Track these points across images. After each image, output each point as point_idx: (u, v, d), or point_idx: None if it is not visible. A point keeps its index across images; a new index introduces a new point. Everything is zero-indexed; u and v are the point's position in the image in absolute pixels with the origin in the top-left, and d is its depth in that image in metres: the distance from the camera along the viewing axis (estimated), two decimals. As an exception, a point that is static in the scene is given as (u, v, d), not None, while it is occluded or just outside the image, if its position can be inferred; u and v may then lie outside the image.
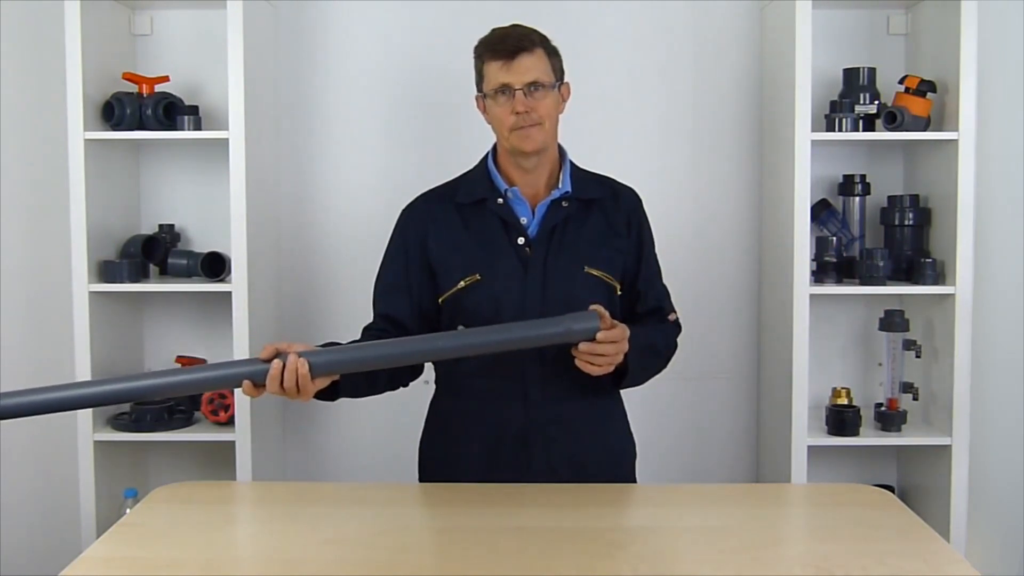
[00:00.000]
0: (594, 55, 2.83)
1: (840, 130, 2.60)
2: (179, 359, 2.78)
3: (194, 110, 2.66)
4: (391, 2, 2.83)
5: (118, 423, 2.61)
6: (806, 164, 2.51)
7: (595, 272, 1.94)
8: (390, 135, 2.85)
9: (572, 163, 2.02)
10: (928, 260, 2.56)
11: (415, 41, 2.83)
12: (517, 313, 1.87)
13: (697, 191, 2.86)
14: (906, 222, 2.64)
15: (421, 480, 2.05)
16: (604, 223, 1.99)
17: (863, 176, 2.73)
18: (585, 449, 1.96)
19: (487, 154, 2.02)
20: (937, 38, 2.60)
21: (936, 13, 2.60)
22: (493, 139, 2.00)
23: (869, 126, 2.62)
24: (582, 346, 1.75)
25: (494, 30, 1.96)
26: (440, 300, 1.95)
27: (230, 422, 2.61)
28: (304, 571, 1.52)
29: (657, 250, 2.81)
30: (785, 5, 2.57)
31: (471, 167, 2.04)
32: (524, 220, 1.95)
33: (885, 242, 2.70)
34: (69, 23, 2.49)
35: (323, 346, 1.83)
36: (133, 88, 2.65)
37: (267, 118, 2.74)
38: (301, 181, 2.87)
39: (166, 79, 2.69)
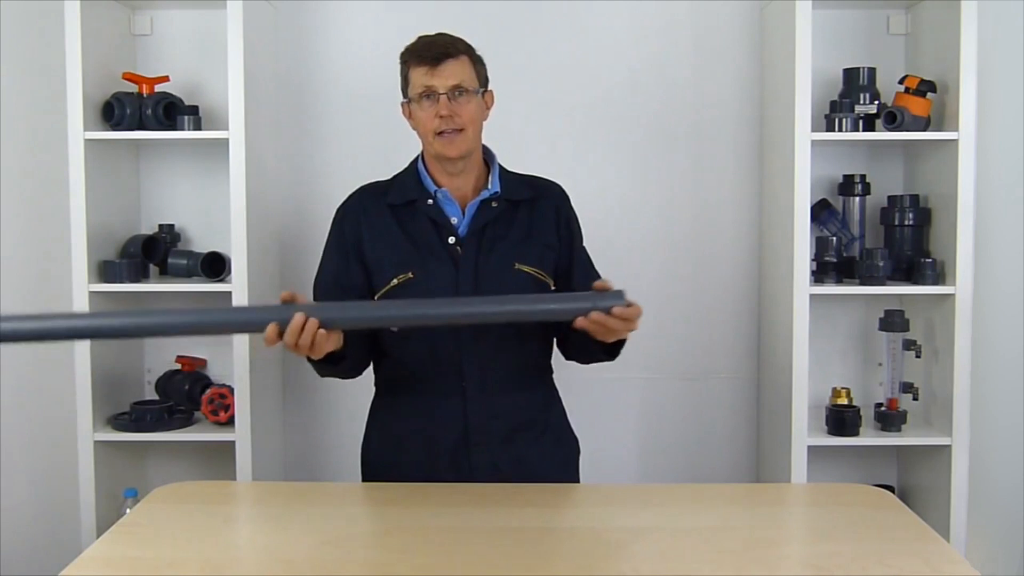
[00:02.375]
0: (594, 55, 2.83)
1: (840, 130, 2.60)
2: (179, 359, 2.77)
3: (194, 110, 2.66)
4: (391, 2, 2.83)
5: (118, 423, 2.61)
6: (806, 164, 2.50)
7: (526, 269, 1.97)
8: (390, 135, 2.83)
9: (500, 166, 2.05)
10: (928, 260, 2.55)
11: (415, 41, 2.83)
12: None
13: (697, 191, 2.86)
14: (906, 222, 2.64)
15: (365, 480, 2.07)
16: (533, 221, 2.01)
17: (863, 176, 2.73)
18: (524, 444, 1.98)
19: (417, 157, 2.05)
20: (937, 38, 2.60)
21: (936, 13, 2.60)
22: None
23: (869, 126, 2.62)
24: (595, 315, 1.74)
25: (420, 37, 1.99)
26: (375, 297, 1.98)
27: (230, 422, 2.61)
28: (304, 571, 1.52)
29: (658, 250, 2.85)
30: (785, 5, 2.57)
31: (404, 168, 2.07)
32: (454, 220, 1.98)
33: (885, 242, 2.70)
34: (69, 23, 2.49)
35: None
36: (133, 88, 2.65)
37: (267, 118, 2.74)
38: (301, 181, 2.87)
39: (166, 79, 2.69)
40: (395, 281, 1.95)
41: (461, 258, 1.95)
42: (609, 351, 1.92)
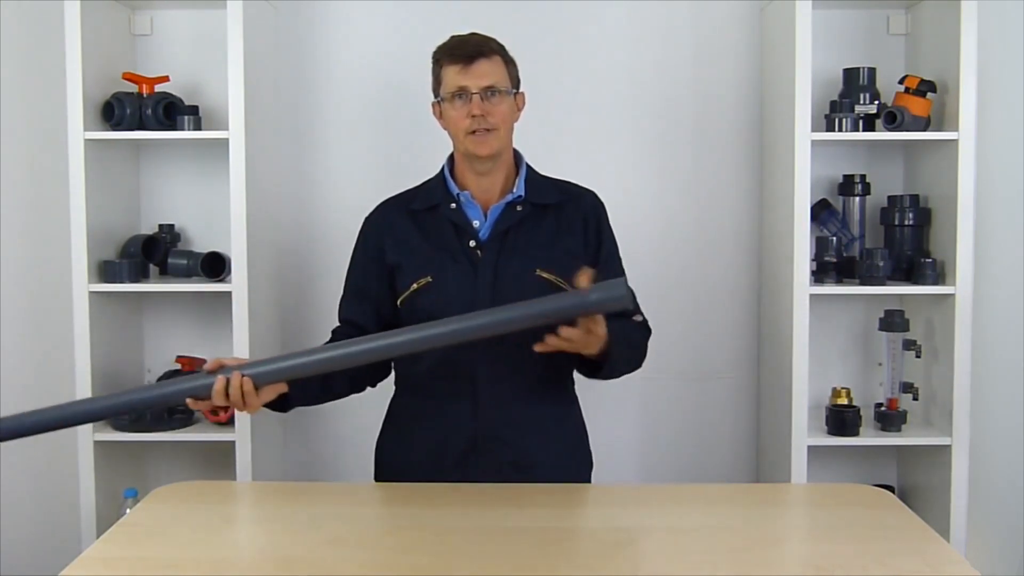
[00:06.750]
0: (594, 55, 2.84)
1: (840, 130, 2.60)
2: (179, 359, 2.77)
3: (194, 110, 2.66)
4: (391, 2, 2.84)
5: (118, 423, 2.61)
6: (806, 164, 2.50)
7: (546, 275, 1.94)
8: (390, 135, 2.85)
9: (530, 168, 2.04)
10: (928, 260, 2.56)
11: (415, 41, 2.82)
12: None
13: (697, 191, 2.86)
14: (906, 222, 2.64)
15: (376, 479, 2.07)
16: (558, 226, 2.00)
17: (863, 176, 2.73)
18: (533, 454, 1.96)
19: (444, 163, 2.05)
20: (937, 38, 2.60)
21: (936, 13, 2.60)
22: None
23: (869, 126, 2.62)
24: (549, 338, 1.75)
25: (452, 36, 1.98)
26: (399, 303, 1.99)
27: (230, 422, 2.61)
28: (304, 571, 1.52)
29: (658, 250, 2.84)
30: (785, 5, 2.57)
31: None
32: (476, 223, 1.98)
33: (885, 242, 2.70)
34: (69, 23, 2.49)
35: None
36: (133, 88, 2.65)
37: (267, 118, 2.74)
38: (301, 181, 2.87)
39: (166, 79, 2.69)
40: (414, 286, 1.95)
41: (480, 262, 1.94)
42: (592, 368, 1.89)
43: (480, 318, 1.73)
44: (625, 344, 1.91)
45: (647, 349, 2.05)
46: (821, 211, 2.73)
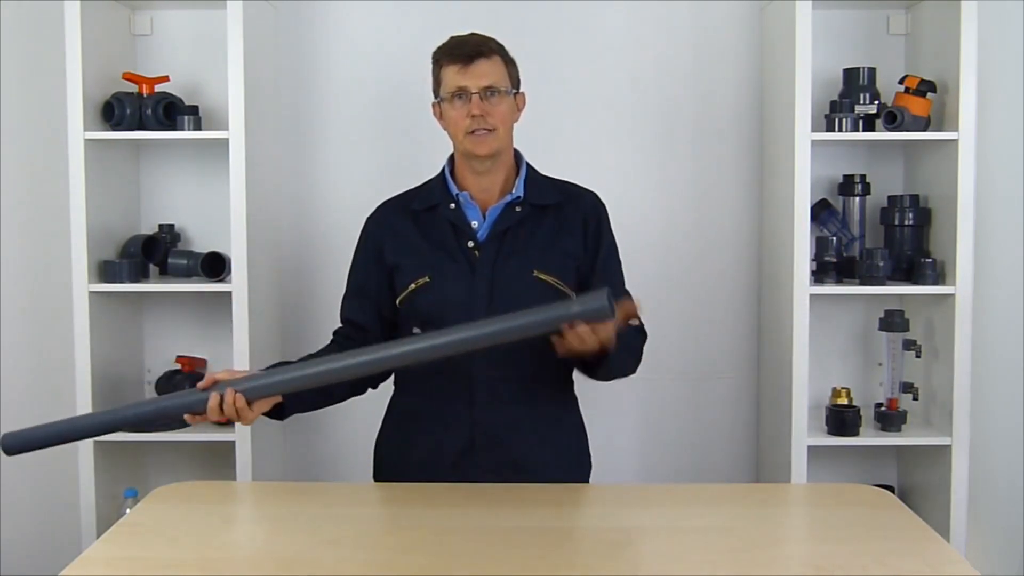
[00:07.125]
0: (594, 55, 2.84)
1: (840, 130, 2.60)
2: (179, 359, 2.77)
3: (194, 110, 2.66)
4: (391, 2, 2.84)
5: (118, 423, 2.61)
6: (806, 164, 2.51)
7: (544, 276, 1.94)
8: (390, 135, 2.85)
9: (531, 169, 2.04)
10: (928, 260, 2.56)
11: (415, 42, 2.82)
12: (464, 315, 1.86)
13: (697, 191, 2.86)
14: (906, 222, 2.64)
15: (375, 479, 2.07)
16: (558, 227, 1.99)
17: (863, 176, 2.73)
18: (531, 455, 1.95)
19: (445, 164, 2.05)
20: (937, 38, 2.60)
21: (936, 13, 2.60)
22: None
23: (869, 126, 2.62)
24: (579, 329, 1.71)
25: (452, 37, 1.98)
26: (398, 303, 1.99)
27: (230, 422, 2.60)
28: (304, 571, 1.52)
29: (658, 250, 2.84)
30: (785, 5, 2.57)
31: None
32: (475, 224, 1.97)
33: (885, 242, 2.70)
34: (69, 23, 2.49)
35: (271, 367, 1.89)
36: (133, 88, 2.65)
37: (267, 118, 2.74)
38: (301, 181, 2.87)
39: (166, 79, 2.69)
40: (413, 286, 1.95)
41: (478, 262, 1.94)
42: (589, 367, 1.87)
43: (463, 332, 1.72)
44: (625, 348, 1.89)
45: (643, 354, 2.04)
46: (821, 211, 2.73)
